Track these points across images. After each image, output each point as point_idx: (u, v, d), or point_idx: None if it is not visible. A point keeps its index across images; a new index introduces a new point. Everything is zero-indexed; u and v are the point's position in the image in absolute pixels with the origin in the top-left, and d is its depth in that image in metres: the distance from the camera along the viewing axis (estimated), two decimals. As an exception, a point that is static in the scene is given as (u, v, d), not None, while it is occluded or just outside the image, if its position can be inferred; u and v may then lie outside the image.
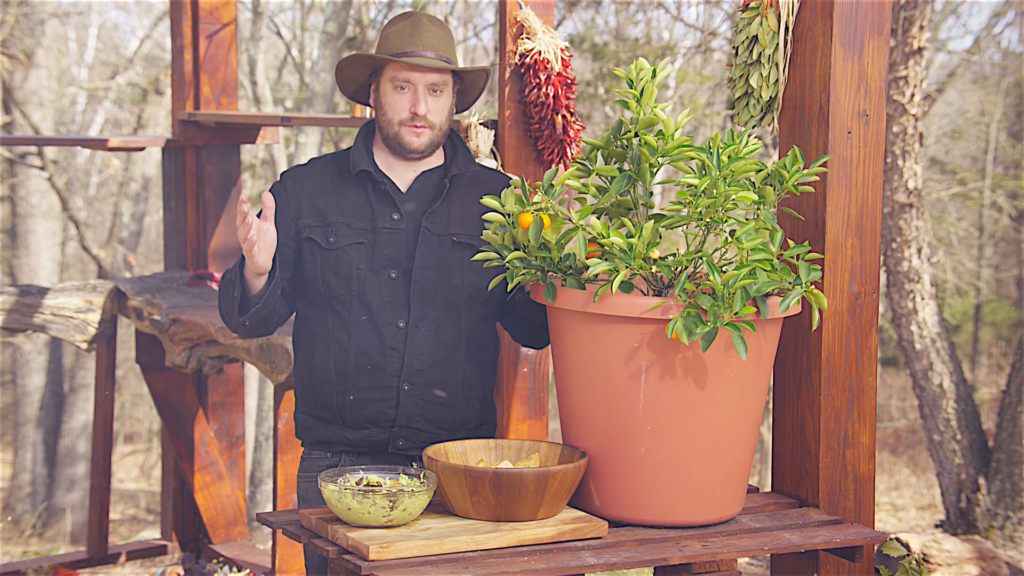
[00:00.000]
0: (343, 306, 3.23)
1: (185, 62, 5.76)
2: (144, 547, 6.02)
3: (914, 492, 13.57)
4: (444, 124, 3.26)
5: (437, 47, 3.22)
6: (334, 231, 3.22)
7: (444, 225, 3.24)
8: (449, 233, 3.24)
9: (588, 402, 2.97)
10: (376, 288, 3.21)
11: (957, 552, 6.18)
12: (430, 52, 3.20)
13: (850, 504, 3.37)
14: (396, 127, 3.22)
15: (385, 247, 3.22)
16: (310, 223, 3.24)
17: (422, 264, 3.22)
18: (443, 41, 3.24)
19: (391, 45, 3.22)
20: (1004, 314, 17.17)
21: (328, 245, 3.22)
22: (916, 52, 7.20)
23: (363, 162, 3.25)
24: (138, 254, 15.22)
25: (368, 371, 3.22)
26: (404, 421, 3.23)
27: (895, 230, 7.41)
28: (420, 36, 3.21)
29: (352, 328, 3.22)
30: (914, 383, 7.74)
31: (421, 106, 3.19)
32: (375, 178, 3.25)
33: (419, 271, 3.22)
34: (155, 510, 14.08)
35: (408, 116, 3.21)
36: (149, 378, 5.65)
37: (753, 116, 3.44)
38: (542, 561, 2.76)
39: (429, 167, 3.30)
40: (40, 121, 13.13)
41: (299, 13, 14.30)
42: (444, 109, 3.24)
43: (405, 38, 3.21)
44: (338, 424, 3.26)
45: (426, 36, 3.21)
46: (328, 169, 3.30)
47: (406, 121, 3.21)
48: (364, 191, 3.26)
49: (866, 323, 3.37)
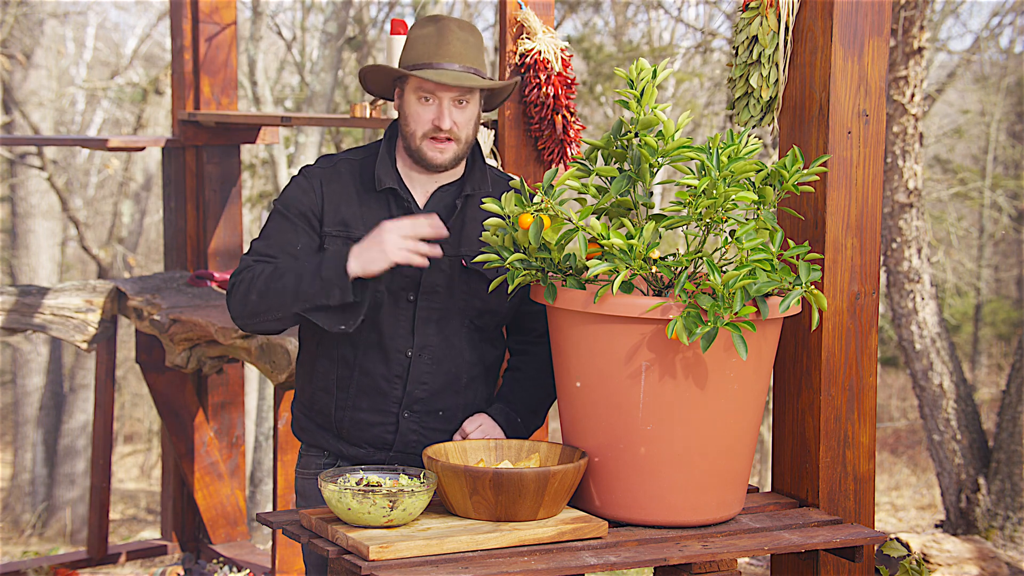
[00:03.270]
0: None
1: (185, 62, 5.76)
2: (144, 547, 6.03)
3: (914, 492, 13.57)
4: (470, 135, 3.15)
5: (464, 57, 3.10)
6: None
7: (454, 246, 3.15)
8: (458, 255, 3.16)
9: (588, 402, 2.97)
10: (392, 311, 3.14)
11: (957, 552, 6.18)
12: (456, 64, 3.08)
13: (850, 504, 3.37)
14: (419, 140, 3.11)
15: (404, 268, 3.10)
16: (332, 232, 3.13)
17: (429, 288, 3.15)
18: (471, 49, 3.12)
19: (417, 53, 3.10)
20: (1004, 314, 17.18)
21: None
22: (916, 52, 7.20)
23: (388, 179, 3.15)
24: (138, 254, 15.22)
25: (370, 394, 3.16)
26: (401, 447, 3.19)
27: (895, 230, 7.41)
28: (447, 46, 3.09)
29: (360, 348, 3.16)
30: (914, 383, 7.75)
31: (446, 120, 3.08)
32: (400, 195, 3.15)
33: (425, 296, 3.15)
34: (155, 510, 14.09)
35: (432, 129, 3.10)
36: (149, 378, 5.65)
37: (753, 116, 3.44)
38: (542, 561, 2.76)
39: (447, 181, 3.20)
40: (40, 121, 13.14)
41: (299, 13, 14.30)
42: (471, 120, 3.14)
43: (432, 47, 3.09)
44: (334, 435, 3.22)
45: (454, 45, 3.09)
46: (354, 176, 3.18)
47: (429, 133, 3.10)
48: (387, 207, 3.15)
49: (866, 323, 3.37)
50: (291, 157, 12.39)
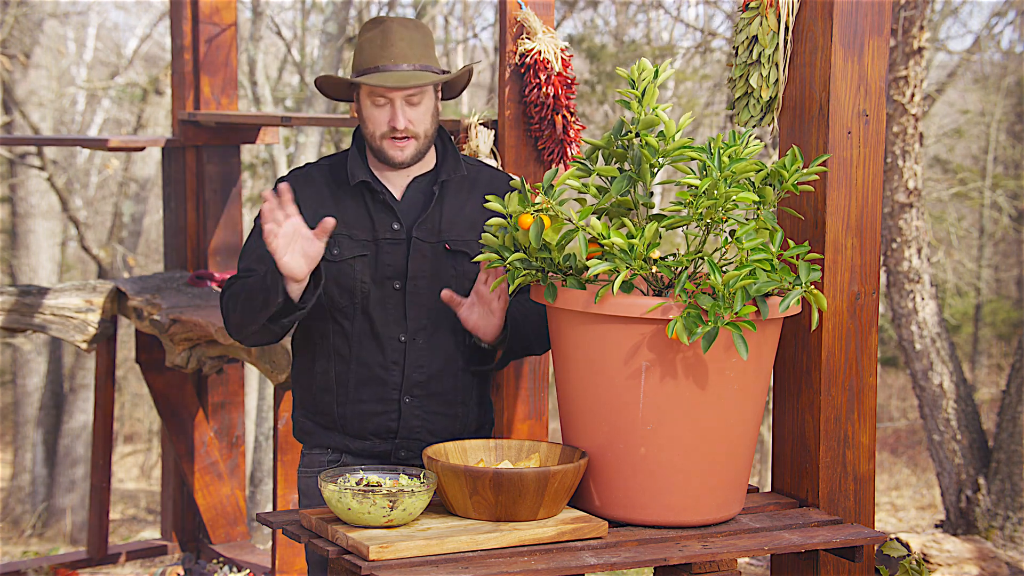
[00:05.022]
0: (345, 318, 3.21)
1: (185, 62, 5.76)
2: (144, 547, 6.03)
3: (914, 492, 13.57)
4: (429, 129, 3.21)
5: (410, 56, 3.16)
6: (337, 243, 3.19)
7: (435, 233, 3.22)
8: (440, 240, 3.22)
9: (588, 402, 2.97)
10: (380, 300, 3.20)
11: (957, 552, 6.18)
12: (403, 64, 3.15)
13: (850, 504, 3.37)
14: (378, 140, 3.19)
15: (387, 258, 3.20)
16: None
17: (415, 275, 3.21)
18: (417, 46, 3.17)
19: (364, 58, 3.17)
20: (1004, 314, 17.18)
21: (332, 257, 3.18)
22: (916, 52, 7.20)
23: (360, 172, 3.22)
24: (138, 254, 15.21)
25: (369, 384, 3.21)
26: (406, 433, 3.24)
27: (895, 230, 7.42)
28: (391, 47, 3.15)
29: (354, 340, 3.21)
30: (914, 383, 7.75)
31: (400, 120, 3.15)
32: (373, 188, 3.22)
33: (412, 282, 3.20)
34: (155, 510, 14.08)
35: (388, 130, 3.17)
36: (149, 378, 5.65)
37: (753, 116, 3.44)
38: (542, 561, 2.76)
39: (421, 172, 3.27)
40: (39, 121, 13.14)
41: (299, 13, 14.30)
42: (426, 114, 3.19)
43: (376, 50, 3.16)
44: (339, 432, 3.27)
45: (398, 46, 3.15)
46: (325, 177, 3.26)
47: (387, 134, 3.17)
48: (363, 201, 3.22)
49: (866, 323, 3.37)
50: (291, 157, 12.39)
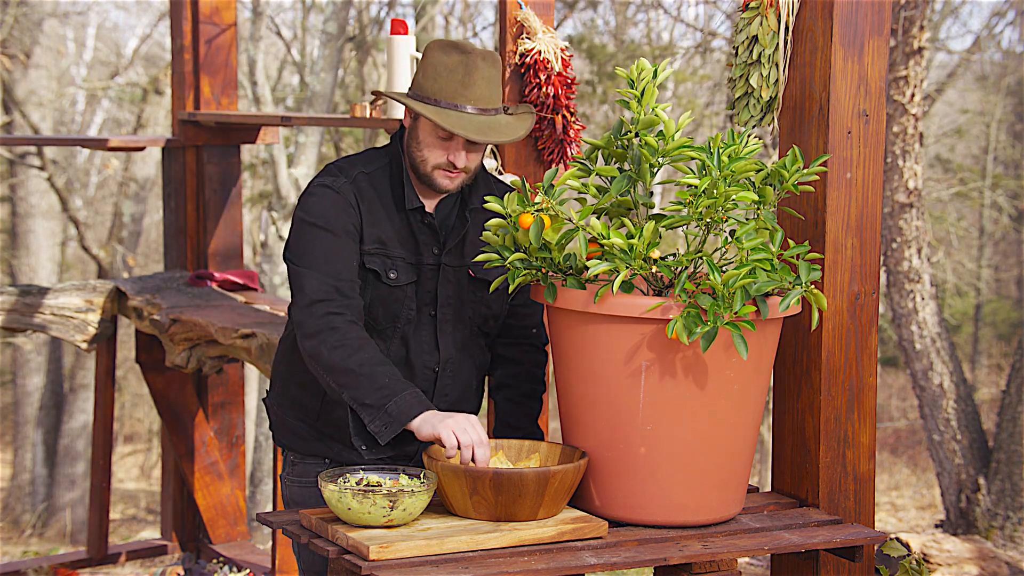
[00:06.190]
0: (382, 339, 3.14)
1: (185, 62, 5.76)
2: (144, 547, 6.03)
3: (914, 492, 13.58)
4: (479, 165, 3.15)
5: (490, 98, 3.05)
6: (395, 266, 3.11)
7: (460, 258, 3.17)
8: (464, 265, 3.18)
9: (588, 402, 2.97)
10: (417, 327, 3.14)
11: (957, 552, 6.18)
12: (483, 106, 3.04)
13: (850, 504, 3.37)
14: (430, 169, 3.09)
15: (428, 284, 3.14)
16: (370, 250, 3.10)
17: (444, 302, 3.16)
18: (495, 86, 3.06)
19: (440, 87, 3.04)
20: (1004, 314, 17.19)
21: (388, 280, 3.11)
22: (916, 52, 7.20)
23: (415, 199, 3.13)
24: (138, 254, 15.22)
25: None
26: (420, 457, 3.21)
27: (895, 230, 7.42)
28: (473, 87, 3.03)
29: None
30: (914, 383, 7.75)
31: (461, 160, 3.07)
32: (426, 212, 3.14)
33: (442, 309, 3.16)
34: (155, 510, 14.09)
35: (445, 163, 3.08)
36: (149, 378, 5.65)
37: (753, 116, 3.44)
38: (542, 561, 2.76)
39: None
40: (39, 121, 13.14)
41: (299, 13, 14.30)
42: (480, 153, 3.12)
43: (457, 86, 3.02)
44: (347, 447, 3.19)
45: (479, 86, 3.03)
46: (382, 193, 3.14)
47: (442, 167, 3.08)
48: (409, 223, 3.14)
49: (866, 323, 3.37)
50: (291, 157, 12.38)
